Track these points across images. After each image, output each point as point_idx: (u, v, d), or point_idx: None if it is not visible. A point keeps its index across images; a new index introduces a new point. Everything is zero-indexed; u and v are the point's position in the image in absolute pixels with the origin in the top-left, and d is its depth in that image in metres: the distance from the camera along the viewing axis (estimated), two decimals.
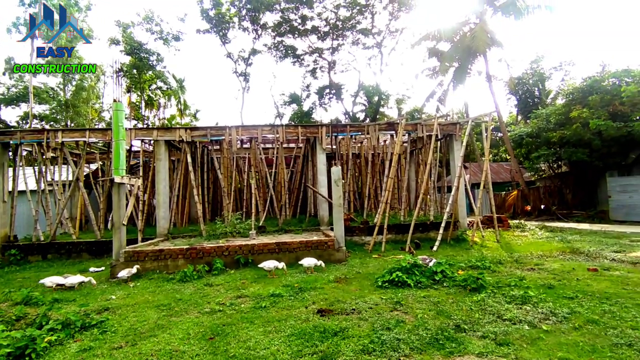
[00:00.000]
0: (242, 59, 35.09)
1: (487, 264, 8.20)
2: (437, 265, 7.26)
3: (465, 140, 12.67)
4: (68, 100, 32.80)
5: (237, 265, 9.12)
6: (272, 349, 4.22)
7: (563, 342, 4.16)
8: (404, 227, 12.64)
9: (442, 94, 26.59)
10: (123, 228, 9.17)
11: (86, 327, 5.20)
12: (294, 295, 6.43)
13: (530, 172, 24.26)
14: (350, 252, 10.75)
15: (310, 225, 13.99)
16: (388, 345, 4.14)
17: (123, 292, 7.27)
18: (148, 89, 34.21)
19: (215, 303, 6.18)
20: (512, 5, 20.69)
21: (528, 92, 31.15)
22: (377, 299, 5.96)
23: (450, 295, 6.05)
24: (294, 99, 37.02)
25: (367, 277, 7.73)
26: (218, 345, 4.43)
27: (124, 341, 4.71)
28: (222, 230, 11.54)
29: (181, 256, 9.10)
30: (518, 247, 11.07)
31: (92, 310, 5.97)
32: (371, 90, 35.22)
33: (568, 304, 5.42)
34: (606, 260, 8.75)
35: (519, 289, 6.08)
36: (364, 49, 35.00)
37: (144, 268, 8.82)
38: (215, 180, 17.00)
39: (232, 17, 33.04)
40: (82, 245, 12.36)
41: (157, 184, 12.88)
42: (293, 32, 33.53)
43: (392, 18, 32.81)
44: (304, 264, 8.29)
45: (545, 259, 9.01)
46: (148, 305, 6.25)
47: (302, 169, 17.24)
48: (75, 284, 7.81)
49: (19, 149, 13.12)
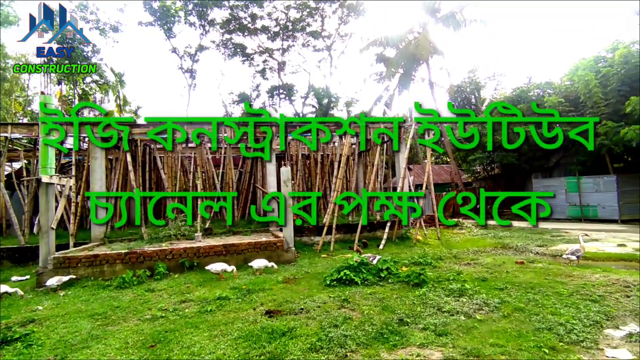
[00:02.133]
0: (188, 55, 33.73)
1: (429, 260, 8.65)
2: (383, 262, 7.52)
3: (409, 143, 13.27)
4: None
5: (181, 269, 8.74)
6: (218, 353, 4.11)
7: (494, 329, 4.51)
8: (352, 226, 12.92)
9: (388, 98, 27.66)
10: (52, 232, 8.39)
11: (8, 341, 4.69)
12: (242, 297, 6.31)
13: (468, 173, 26.01)
14: (300, 253, 10.78)
15: (260, 226, 13.79)
16: (335, 342, 4.21)
17: (52, 302, 6.66)
18: (82, 82, 31.64)
19: (157, 309, 5.87)
20: (451, 17, 22.10)
21: (466, 99, 33.34)
22: (325, 298, 6.04)
23: (394, 291, 6.29)
24: (243, 98, 36.30)
25: (316, 276, 7.79)
26: (160, 353, 4.22)
27: (52, 355, 4.32)
28: (165, 233, 11.00)
29: (119, 261, 8.53)
30: (456, 244, 11.81)
31: (14, 323, 5.41)
32: (321, 93, 35.60)
33: (499, 294, 5.89)
34: (531, 253, 9.65)
35: (457, 282, 6.48)
36: (314, 51, 35.30)
37: (77, 275, 8.13)
38: (158, 180, 16.14)
39: (178, 10, 31.66)
40: (3, 252, 11.10)
41: (92, 185, 11.93)
42: (242, 30, 32.90)
43: (341, 22, 33.46)
44: (254, 266, 8.17)
45: (480, 254, 9.72)
46: (81, 315, 5.79)
47: (251, 169, 16.94)
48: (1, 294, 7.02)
49: None
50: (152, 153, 15.70)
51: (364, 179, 16.23)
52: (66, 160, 15.65)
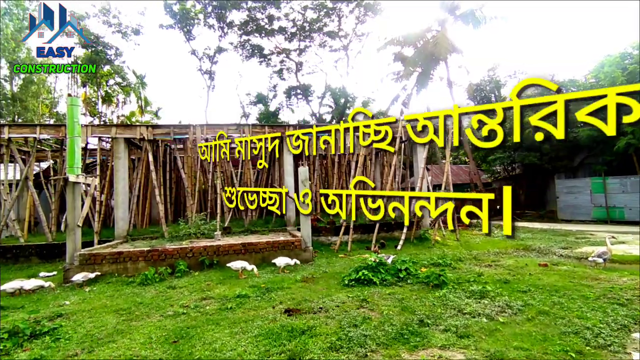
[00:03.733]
0: (207, 57, 34.23)
1: (448, 261, 8.53)
2: (402, 263, 7.46)
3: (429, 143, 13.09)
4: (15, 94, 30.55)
5: (201, 267, 8.89)
6: (239, 350, 4.16)
7: (518, 332, 4.41)
8: (370, 227, 12.86)
9: (406, 97, 27.36)
10: (78, 230, 8.67)
11: (37, 335, 4.87)
12: (261, 295, 6.37)
13: (487, 174, 25.52)
14: (317, 252, 10.80)
15: (277, 226, 13.89)
16: (355, 342, 4.21)
17: (78, 297, 6.88)
18: (105, 84, 32.53)
19: (178, 306, 5.99)
20: (471, 14, 21.72)
21: (485, 98, 32.68)
22: (344, 297, 6.03)
23: (414, 292, 6.24)
24: (260, 99, 36.61)
25: (333, 276, 7.80)
26: (182, 349, 4.31)
27: (79, 348, 4.46)
28: (185, 231, 11.20)
29: (142, 258, 8.74)
30: (476, 245, 11.60)
31: (43, 317, 5.60)
32: (338, 93, 35.57)
33: (522, 297, 5.76)
34: (555, 256, 9.38)
35: (478, 284, 6.38)
36: (330, 51, 35.28)
37: (102, 271, 8.38)
38: (178, 180, 16.46)
39: (197, 13, 32.18)
40: (32, 249, 11.53)
41: (115, 184, 12.28)
42: (260, 32, 33.18)
43: (358, 22, 33.33)
44: (277, 263, 8.25)
45: (501, 256, 9.52)
46: (106, 310, 5.96)
47: (268, 169, 17.07)
48: (35, 288, 7.37)
49: None
50: (172, 153, 16.01)
51: (382, 179, 16.13)
52: (90, 160, 16.14)
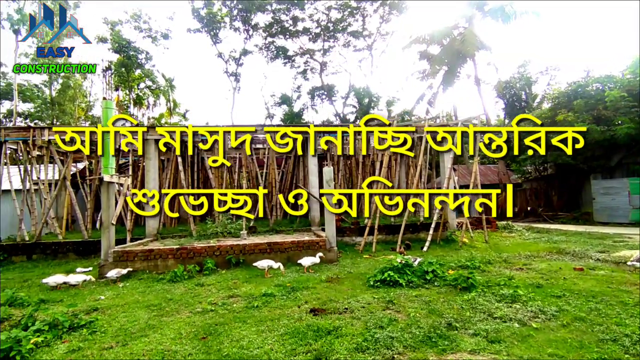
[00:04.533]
0: (233, 59, 34.94)
1: (477, 263, 8.31)
2: (428, 265, 7.34)
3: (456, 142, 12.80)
4: (53, 98, 32.20)
5: (228, 266, 9.06)
6: (266, 348, 4.21)
7: (552, 339, 4.24)
8: (395, 227, 12.72)
9: (431, 96, 26.89)
10: (112, 227, 9.03)
11: (75, 327, 5.10)
12: (287, 295, 6.42)
13: (517, 174, 24.69)
14: (342, 253, 10.78)
15: (301, 225, 13.97)
16: (381, 344, 4.17)
17: (112, 293, 7.16)
18: (136, 88, 33.77)
19: (207, 303, 6.13)
20: (500, 10, 21.12)
21: (515, 95, 31.64)
22: (369, 298, 6.00)
23: (441, 295, 6.12)
24: (284, 99, 36.98)
25: (358, 276, 7.76)
26: (211, 345, 4.40)
27: (114, 341, 4.64)
28: (212, 230, 11.45)
29: (171, 256, 9.00)
30: (506, 248, 11.25)
31: (80, 311, 5.86)
32: (362, 92, 35.42)
33: (556, 302, 5.54)
34: (591, 260, 8.96)
35: (509, 288, 6.18)
36: (354, 51, 35.23)
37: (134, 268, 8.70)
38: (205, 180, 16.85)
39: (224, 16, 32.89)
40: (69, 246, 12.11)
41: (146, 184, 12.71)
42: (284, 33, 33.54)
43: (382, 21, 33.11)
44: (303, 263, 8.29)
45: (533, 259, 9.18)
46: (138, 306, 6.17)
47: (293, 169, 17.21)
48: (80, 282, 7.76)
49: (4, 147, 12.80)
50: (200, 154, 16.41)
51: (407, 180, 15.92)
52: (123, 161, 16.79)
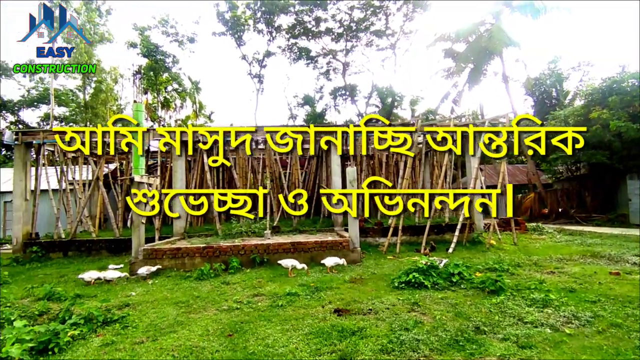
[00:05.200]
0: (256, 61, 35.40)
1: (505, 266, 8.08)
2: (454, 267, 7.19)
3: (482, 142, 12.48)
4: (87, 102, 33.63)
5: (252, 265, 9.19)
6: (291, 347, 4.25)
7: (587, 345, 4.08)
8: (419, 228, 12.55)
9: (456, 95, 26.33)
10: (142, 226, 9.34)
11: (108, 322, 5.30)
12: (310, 294, 6.45)
13: (548, 174, 23.81)
14: (365, 253, 10.72)
15: (325, 226, 14.00)
16: (407, 346, 4.12)
17: (142, 289, 7.40)
18: (164, 91, 34.76)
19: (232, 301, 6.24)
20: (529, 5, 20.43)
21: (545, 93, 30.50)
22: (393, 300, 5.94)
23: (468, 297, 5.98)
24: (307, 100, 37.15)
25: (382, 277, 7.70)
26: (237, 342, 4.48)
27: (145, 336, 4.79)
28: (237, 229, 11.65)
29: (198, 254, 9.23)
30: (536, 251, 10.88)
31: (113, 306, 6.10)
32: (385, 92, 35.10)
33: (591, 307, 5.31)
34: (628, 264, 8.54)
35: (539, 292, 5.97)
36: (377, 50, 34.94)
37: (162, 265, 8.97)
38: (230, 180, 17.15)
39: (247, 19, 33.38)
40: (102, 243, 12.63)
41: (174, 184, 13.07)
42: (307, 34, 33.68)
43: (406, 19, 32.68)
44: (327, 264, 8.32)
45: (565, 263, 8.84)
46: (167, 302, 6.36)
47: (316, 170, 17.26)
48: (114, 279, 8.10)
49: (42, 148, 13.48)
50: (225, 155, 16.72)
51: (431, 180, 15.67)
52: (152, 162, 17.33)
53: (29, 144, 13.14)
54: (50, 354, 4.28)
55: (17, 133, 12.88)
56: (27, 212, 12.85)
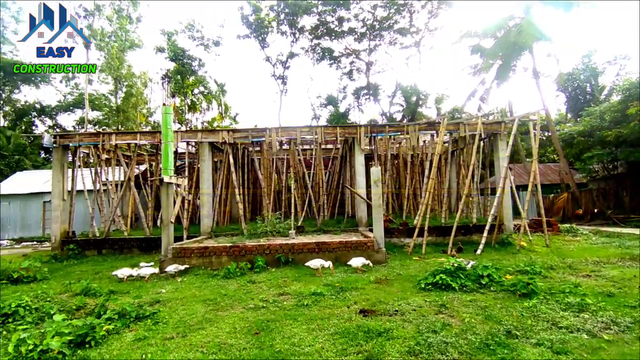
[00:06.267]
0: (280, 63, 35.74)
1: (537, 269, 7.77)
2: (483, 268, 7.00)
3: (512, 140, 12.11)
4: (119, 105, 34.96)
5: (277, 264, 9.28)
6: (317, 347, 4.26)
7: (627, 352, 3.88)
8: (445, 229, 12.30)
9: (484, 92, 25.63)
10: (171, 225, 9.61)
11: (140, 317, 5.49)
12: (336, 294, 6.44)
13: (582, 173, 22.79)
14: (390, 254, 10.61)
15: (349, 226, 13.96)
16: (435, 348, 4.04)
17: (172, 287, 7.62)
18: (191, 94, 35.67)
19: (258, 299, 6.32)
20: None
21: (579, 88, 29.23)
22: (420, 301, 5.84)
23: (498, 300, 5.81)
24: (330, 100, 37.16)
25: (408, 279, 7.60)
26: (264, 340, 4.53)
27: (175, 332, 4.93)
28: (262, 229, 11.79)
29: (225, 253, 9.40)
30: (570, 253, 10.43)
31: (144, 302, 6.30)
32: (409, 90, 34.62)
33: (630, 313, 5.04)
34: None
35: (575, 296, 5.72)
36: (401, 48, 34.52)
37: (190, 264, 9.20)
38: (255, 180, 17.39)
39: (271, 21, 33.76)
40: (133, 242, 13.09)
41: (201, 184, 13.38)
42: (330, 34, 33.69)
43: (431, 16, 32.12)
44: (353, 264, 8.29)
45: (602, 266, 8.42)
46: (195, 300, 6.51)
47: (339, 169, 17.23)
48: (148, 275, 8.41)
49: (78, 151, 14.11)
50: (250, 155, 16.98)
51: (458, 179, 15.32)
52: (179, 163, 17.82)
53: (66, 146, 13.79)
54: (87, 347, 4.48)
55: (55, 136, 13.54)
56: (64, 212, 13.48)
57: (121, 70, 33.91)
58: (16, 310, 5.66)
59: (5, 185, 22.02)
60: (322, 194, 15.85)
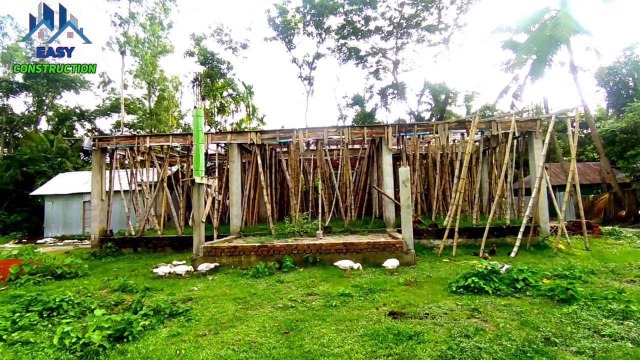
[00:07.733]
0: (306, 64, 35.94)
1: (577, 273, 7.41)
2: (518, 272, 6.74)
3: (548, 138, 11.61)
4: (152, 109, 36.33)
5: (305, 264, 9.32)
6: (346, 348, 4.24)
7: None
8: (477, 231, 11.94)
9: (517, 88, 24.75)
10: (202, 225, 9.87)
11: (174, 314, 5.68)
12: (364, 295, 6.40)
13: (625, 172, 21.53)
14: (419, 256, 10.42)
15: (376, 226, 13.83)
16: (468, 354, 3.93)
17: (203, 285, 7.82)
18: (220, 96, 36.51)
19: (287, 299, 6.37)
20: None
21: (621, 82, 27.65)
22: (451, 305, 5.70)
23: (535, 305, 5.58)
24: (356, 100, 36.96)
25: (438, 281, 7.43)
26: (293, 340, 4.56)
27: (207, 329, 5.06)
28: (290, 229, 11.89)
29: (253, 253, 9.55)
30: (613, 257, 9.88)
31: (178, 300, 6.51)
32: (437, 88, 33.88)
33: None
34: None
35: (618, 302, 5.40)
36: (429, 46, 33.84)
37: (220, 263, 9.41)
38: (282, 181, 17.59)
39: (297, 23, 33.99)
40: (166, 240, 13.54)
41: (230, 185, 13.66)
42: (356, 34, 33.50)
43: (460, 11, 31.28)
44: (387, 266, 8.20)
45: None
46: (226, 298, 6.65)
47: (367, 170, 17.12)
48: (183, 272, 8.72)
49: (115, 153, 14.77)
50: (277, 156, 17.17)
51: (489, 179, 14.85)
52: (209, 164, 18.27)
53: (104, 149, 14.45)
54: (125, 341, 4.66)
55: (94, 140, 14.23)
56: (102, 211, 14.13)
57: (154, 74, 35.21)
58: (60, 304, 5.99)
59: (49, 186, 23.39)
60: (349, 194, 15.79)
